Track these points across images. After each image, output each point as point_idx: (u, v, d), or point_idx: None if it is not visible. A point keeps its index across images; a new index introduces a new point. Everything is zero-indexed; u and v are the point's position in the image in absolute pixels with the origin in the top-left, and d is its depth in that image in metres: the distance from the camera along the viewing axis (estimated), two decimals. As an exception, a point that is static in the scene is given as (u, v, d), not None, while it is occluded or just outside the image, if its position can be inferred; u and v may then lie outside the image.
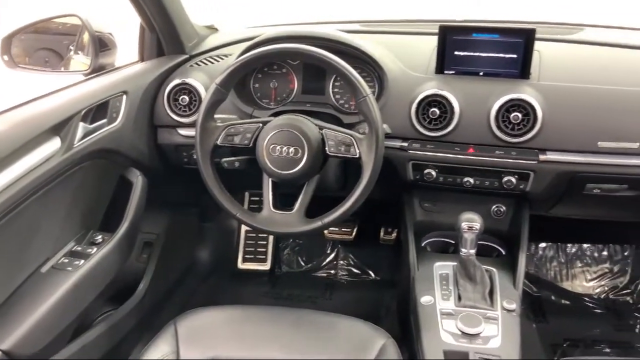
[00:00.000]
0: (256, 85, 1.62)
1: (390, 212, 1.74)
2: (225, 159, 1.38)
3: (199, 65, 1.64)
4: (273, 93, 1.61)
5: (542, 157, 1.36)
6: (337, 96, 1.57)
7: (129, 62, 1.66)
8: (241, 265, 2.29)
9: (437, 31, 1.43)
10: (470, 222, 1.28)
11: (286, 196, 1.34)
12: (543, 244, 2.22)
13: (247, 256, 2.30)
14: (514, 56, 1.40)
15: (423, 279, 1.38)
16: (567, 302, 2.10)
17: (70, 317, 1.27)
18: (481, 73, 1.44)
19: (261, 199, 1.33)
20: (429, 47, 1.51)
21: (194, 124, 1.30)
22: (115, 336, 1.54)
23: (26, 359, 1.14)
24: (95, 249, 1.34)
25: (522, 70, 1.40)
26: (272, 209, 1.31)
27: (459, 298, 1.29)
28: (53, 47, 1.60)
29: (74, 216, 1.38)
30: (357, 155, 1.24)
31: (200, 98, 1.54)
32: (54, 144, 1.24)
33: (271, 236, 2.29)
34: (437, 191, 1.56)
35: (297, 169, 1.26)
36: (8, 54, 1.49)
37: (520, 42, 1.38)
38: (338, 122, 1.47)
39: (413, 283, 1.39)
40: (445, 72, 1.46)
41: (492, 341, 1.17)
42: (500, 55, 1.41)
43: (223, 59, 1.63)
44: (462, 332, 1.19)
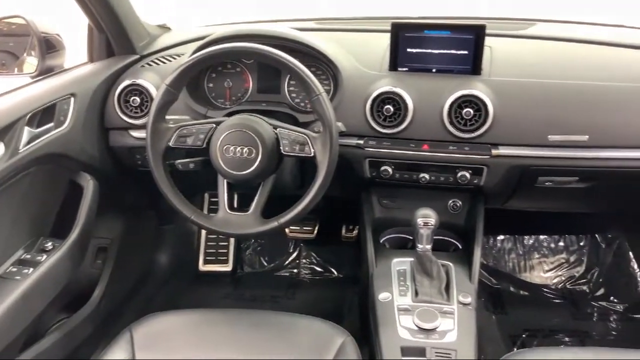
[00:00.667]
0: (210, 84, 1.59)
1: (351, 210, 1.74)
2: (179, 161, 1.35)
3: (151, 65, 1.60)
4: (228, 93, 1.59)
5: (495, 152, 1.38)
6: (293, 95, 1.56)
7: (78, 64, 1.62)
8: (202, 267, 2.27)
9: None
10: (425, 218, 1.29)
11: (246, 197, 1.33)
12: (501, 237, 2.26)
13: (208, 258, 2.28)
14: (466, 52, 1.41)
15: (381, 276, 1.38)
16: (526, 293, 2.14)
17: (20, 327, 1.23)
18: (434, 70, 1.44)
19: None
20: (383, 45, 1.51)
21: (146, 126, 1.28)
22: (69, 344, 1.51)
23: None
24: (45, 257, 1.30)
25: (474, 66, 1.41)
26: (228, 211, 1.29)
27: (416, 293, 1.30)
28: (8, 49, 1.56)
29: (22, 223, 1.34)
30: (312, 154, 1.23)
31: (151, 99, 1.51)
32: None
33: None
34: (395, 188, 1.57)
35: (252, 170, 1.25)
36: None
37: (471, 39, 1.39)
38: (294, 121, 1.46)
39: (371, 280, 1.39)
40: (398, 69, 1.46)
41: (449, 335, 1.18)
42: (452, 51, 1.42)
43: (175, 59, 1.60)
44: (419, 328, 1.19)
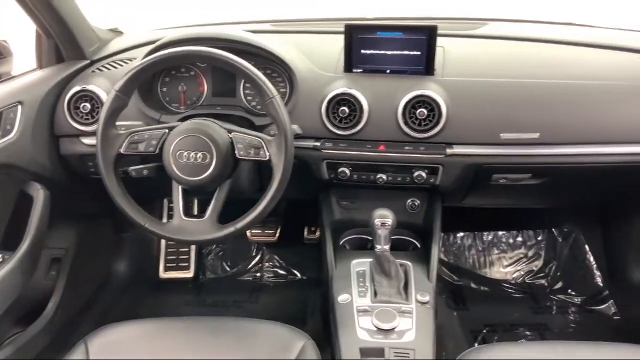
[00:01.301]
0: (164, 89, 1.57)
1: (312, 211, 1.74)
2: (132, 167, 1.33)
3: (101, 70, 1.57)
4: (182, 97, 1.57)
5: (449, 151, 1.40)
6: (249, 98, 1.55)
7: (26, 71, 1.57)
8: (163, 274, 2.23)
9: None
10: (382, 219, 1.30)
11: (206, 203, 1.31)
12: (461, 234, 2.29)
13: (169, 265, 2.24)
14: (418, 53, 1.42)
15: (340, 278, 1.39)
16: (486, 289, 2.17)
17: None
18: (388, 71, 1.45)
19: None
20: (338, 46, 1.51)
21: None
22: (24, 358, 1.46)
23: None
24: None
25: (427, 66, 1.43)
26: (183, 217, 1.27)
27: (375, 294, 1.30)
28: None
29: None
30: (267, 157, 1.22)
31: (102, 105, 1.47)
32: None
33: None
34: (354, 189, 1.57)
35: (206, 175, 1.23)
36: None
37: (423, 39, 1.40)
38: (250, 125, 1.45)
39: (331, 282, 1.39)
40: (353, 71, 1.46)
41: (407, 335, 1.18)
42: (405, 52, 1.43)
43: (126, 63, 1.57)
44: (378, 328, 1.20)
